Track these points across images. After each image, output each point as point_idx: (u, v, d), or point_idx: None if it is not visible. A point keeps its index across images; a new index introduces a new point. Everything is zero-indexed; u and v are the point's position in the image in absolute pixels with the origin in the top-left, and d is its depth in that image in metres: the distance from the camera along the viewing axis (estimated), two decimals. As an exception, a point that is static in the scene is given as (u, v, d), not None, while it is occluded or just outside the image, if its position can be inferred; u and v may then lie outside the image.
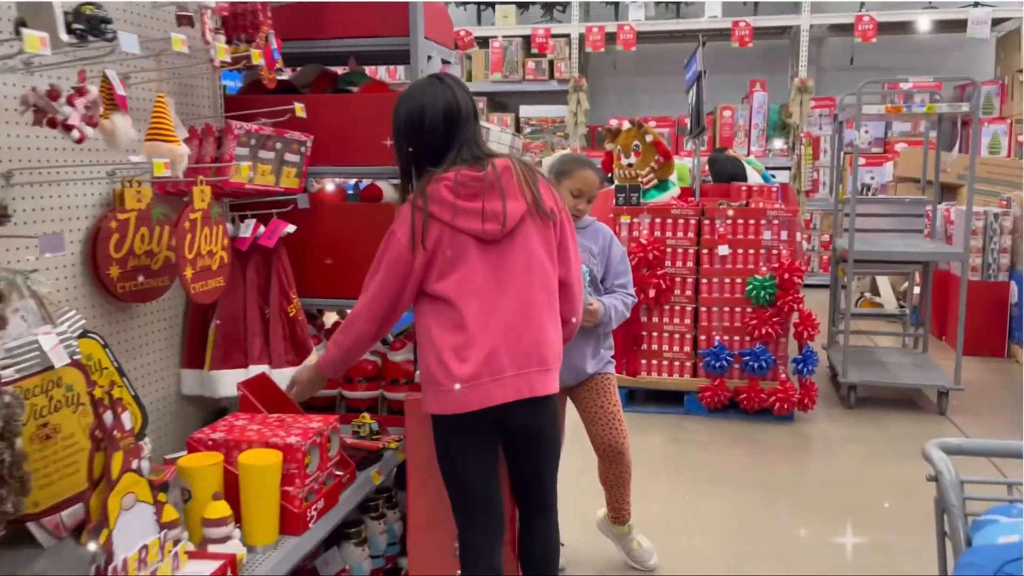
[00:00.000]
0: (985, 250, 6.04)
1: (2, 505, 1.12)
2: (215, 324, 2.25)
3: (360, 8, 2.42)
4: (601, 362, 2.79)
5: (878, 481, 3.82)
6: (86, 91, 1.59)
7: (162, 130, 1.72)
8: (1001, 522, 1.41)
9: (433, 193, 1.91)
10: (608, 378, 2.79)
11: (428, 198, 1.91)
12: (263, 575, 1.61)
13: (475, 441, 1.99)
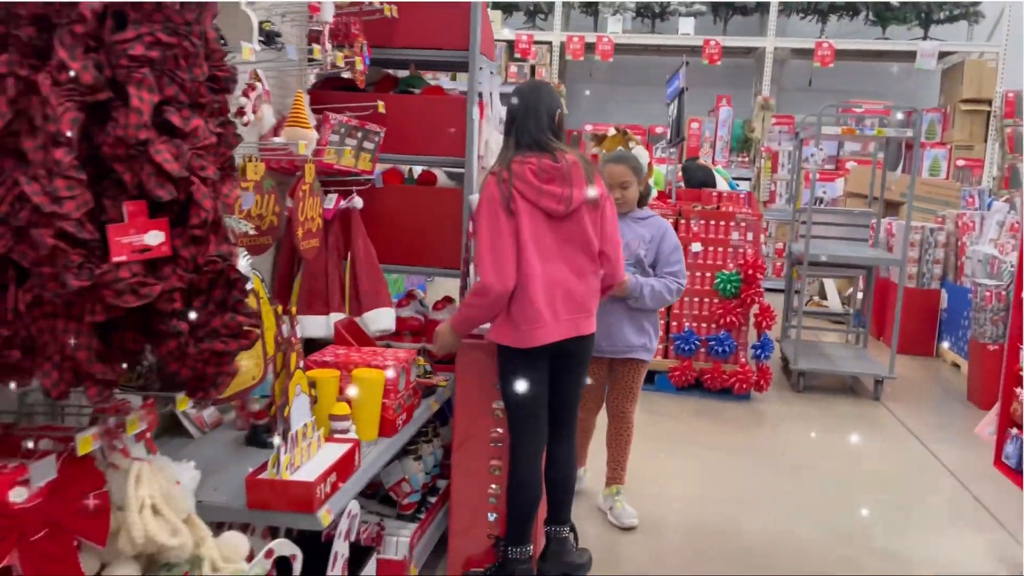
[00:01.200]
0: (921, 260, 6.78)
1: (226, 368, 1.52)
2: (299, 278, 2.74)
3: (425, 24, 2.93)
4: (640, 349, 3.27)
5: (819, 448, 4.46)
6: (255, 87, 2.08)
7: (300, 118, 2.22)
8: None
9: (519, 172, 2.44)
10: (642, 364, 3.33)
11: (514, 175, 2.44)
12: (371, 460, 2.12)
13: (535, 367, 2.55)
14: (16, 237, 1.26)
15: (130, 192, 1.30)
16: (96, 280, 1.26)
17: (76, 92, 1.24)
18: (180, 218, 1.36)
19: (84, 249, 1.26)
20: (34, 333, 1.30)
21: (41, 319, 1.30)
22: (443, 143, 2.93)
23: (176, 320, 1.36)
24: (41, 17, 1.25)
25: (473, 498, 2.80)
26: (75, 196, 1.24)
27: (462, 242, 2.93)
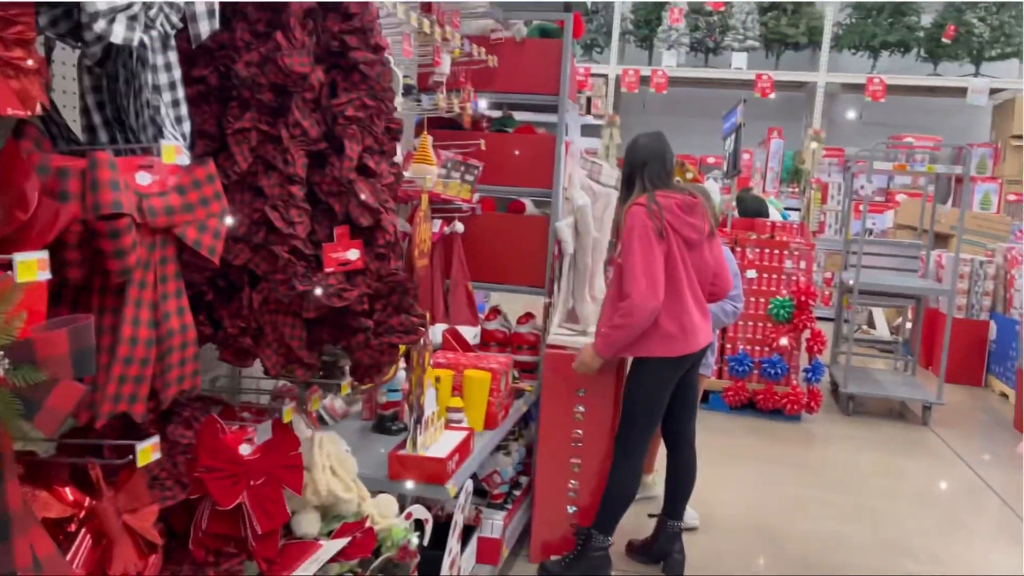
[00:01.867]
0: (970, 292, 6.97)
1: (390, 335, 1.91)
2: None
3: (521, 72, 3.32)
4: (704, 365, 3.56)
5: (866, 466, 4.71)
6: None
7: (426, 156, 2.62)
8: None
9: (666, 206, 2.84)
10: (703, 378, 3.64)
11: (662, 207, 2.83)
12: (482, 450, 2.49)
13: (672, 376, 2.96)
14: (252, 252, 1.66)
15: (339, 219, 1.70)
16: (313, 285, 1.65)
17: (305, 143, 1.65)
18: (368, 240, 1.76)
19: (305, 262, 1.65)
20: (261, 325, 1.69)
21: (266, 315, 1.69)
22: (533, 176, 3.32)
23: (364, 318, 1.75)
24: (278, 85, 1.66)
25: (555, 492, 3.14)
26: (303, 221, 1.64)
27: (547, 263, 3.30)
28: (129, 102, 1.39)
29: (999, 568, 3.47)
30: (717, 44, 10.53)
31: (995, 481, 4.50)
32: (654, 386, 2.94)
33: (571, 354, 3.11)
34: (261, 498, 1.67)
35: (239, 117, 1.65)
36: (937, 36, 9.96)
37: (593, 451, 3.13)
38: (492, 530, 2.84)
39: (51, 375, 1.13)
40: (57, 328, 1.14)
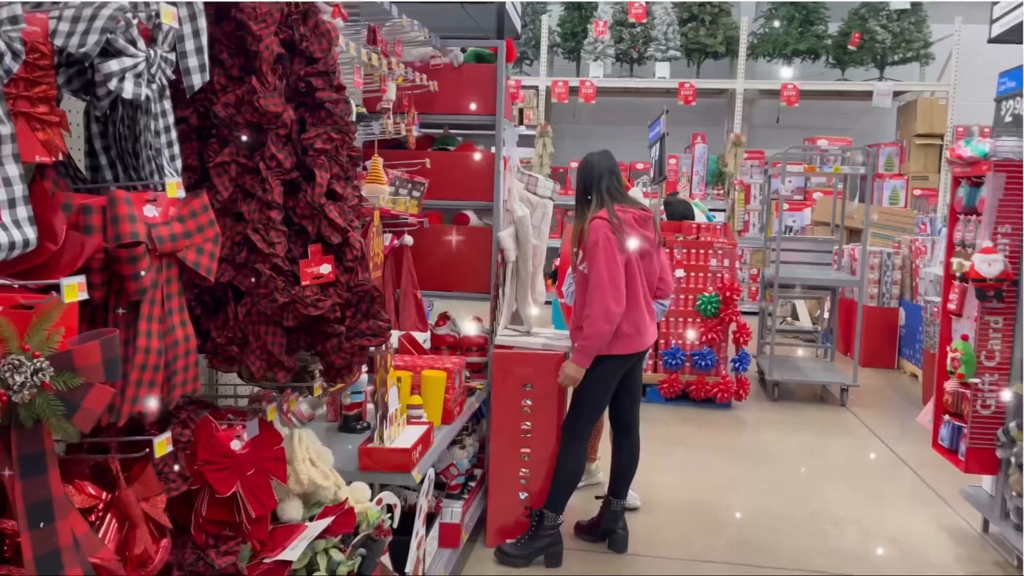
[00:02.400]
0: (880, 282, 7.51)
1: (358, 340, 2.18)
2: (362, 302, 3.36)
3: (460, 95, 3.59)
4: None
5: (791, 446, 5.11)
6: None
7: (378, 176, 2.86)
8: None
9: (625, 219, 3.15)
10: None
11: (621, 221, 3.13)
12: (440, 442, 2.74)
13: (619, 371, 3.28)
14: (236, 270, 1.88)
15: (311, 238, 1.93)
16: (291, 296, 1.88)
17: (280, 173, 1.88)
18: (338, 255, 1.99)
19: (284, 278, 1.88)
20: (246, 335, 1.92)
21: (250, 325, 1.92)
22: (475, 190, 3.58)
23: (337, 324, 1.98)
24: (253, 123, 1.88)
25: (507, 480, 3.41)
26: (281, 242, 1.87)
27: (491, 270, 3.57)
28: (132, 144, 1.61)
29: (912, 528, 3.87)
30: (641, 55, 10.99)
31: (905, 453, 4.95)
32: (604, 379, 3.24)
33: (519, 353, 3.39)
34: (252, 487, 1.89)
35: (219, 152, 1.87)
36: (843, 43, 10.62)
37: (541, 440, 3.40)
38: (452, 516, 3.08)
39: (87, 380, 1.35)
40: (90, 340, 1.36)
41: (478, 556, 3.38)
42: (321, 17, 2.02)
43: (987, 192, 3.37)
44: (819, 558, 3.52)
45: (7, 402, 1.26)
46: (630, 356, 3.27)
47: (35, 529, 1.36)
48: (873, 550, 3.63)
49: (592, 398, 3.29)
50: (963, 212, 3.66)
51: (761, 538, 3.70)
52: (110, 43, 1.43)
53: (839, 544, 3.67)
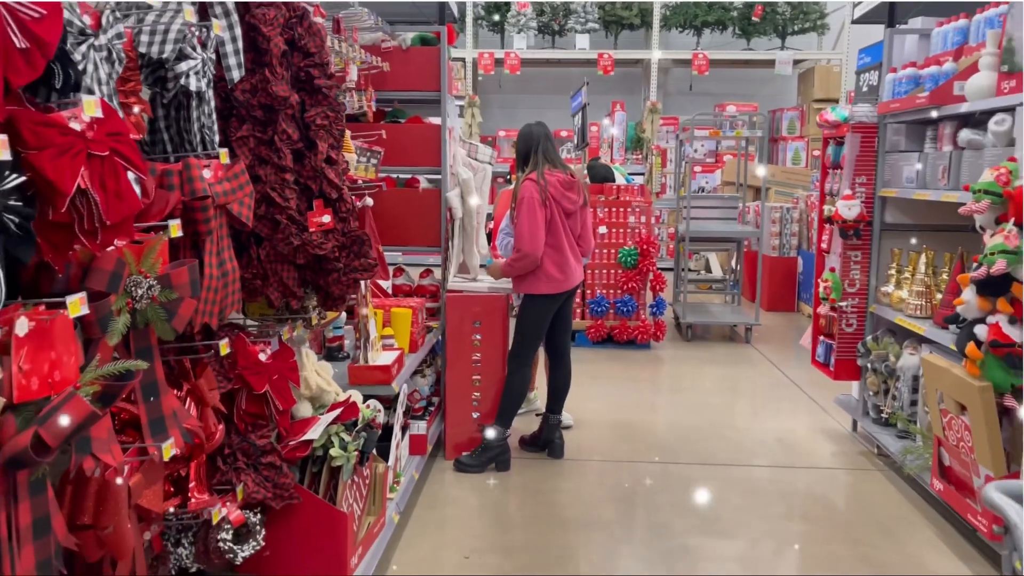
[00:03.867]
0: (781, 234, 8.37)
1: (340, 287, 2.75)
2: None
3: (408, 73, 4.11)
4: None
5: (702, 376, 5.88)
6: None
7: (347, 146, 3.39)
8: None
9: (550, 181, 3.75)
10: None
11: (547, 182, 3.72)
12: (410, 365, 3.33)
13: (552, 307, 3.89)
14: (257, 221, 2.42)
15: (315, 194, 2.48)
16: (303, 240, 2.43)
17: (289, 143, 2.41)
18: (335, 208, 2.55)
19: (296, 226, 2.43)
20: (266, 272, 2.46)
21: (269, 263, 2.46)
22: (425, 157, 4.13)
23: (335, 262, 2.54)
24: (266, 105, 2.41)
25: (462, 403, 4.03)
26: (293, 198, 2.41)
27: (441, 227, 4.14)
28: (187, 124, 2.12)
29: (795, 431, 4.65)
30: (562, 27, 11.56)
31: (796, 376, 5.78)
32: (541, 313, 3.88)
33: (468, 295, 3.99)
34: (278, 387, 2.45)
35: (239, 128, 2.40)
36: (748, 15, 11.42)
37: (490, 368, 4.02)
38: (419, 429, 3.68)
39: (180, 295, 1.89)
40: (180, 267, 1.90)
41: (440, 467, 4.00)
42: (313, 19, 2.55)
43: (847, 150, 4.11)
44: (722, 454, 4.27)
45: (132, 308, 1.80)
46: (560, 295, 3.91)
47: (147, 402, 1.91)
48: (764, 448, 4.40)
49: (532, 330, 3.93)
50: (831, 167, 4.41)
51: (675, 443, 4.43)
52: (180, 49, 1.95)
53: (738, 444, 4.43)
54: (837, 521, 3.51)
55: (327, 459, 2.53)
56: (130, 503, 1.77)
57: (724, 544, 3.29)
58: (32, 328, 1.44)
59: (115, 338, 1.73)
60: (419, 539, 3.25)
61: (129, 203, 1.60)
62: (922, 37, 3.96)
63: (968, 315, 2.83)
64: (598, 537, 3.31)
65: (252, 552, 2.27)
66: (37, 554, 1.52)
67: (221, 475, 2.26)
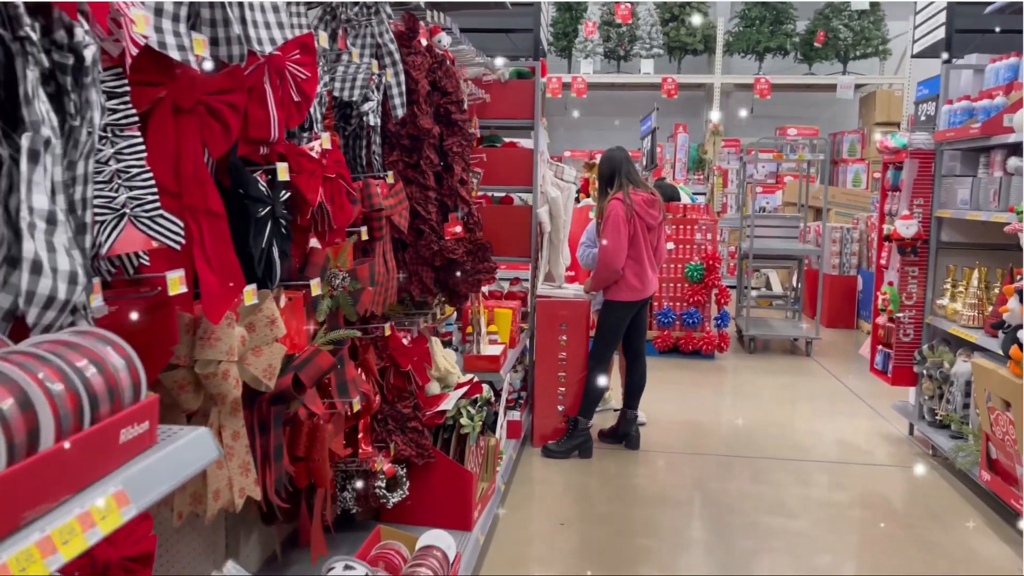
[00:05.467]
0: (841, 254, 8.67)
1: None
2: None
3: (506, 103, 4.64)
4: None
5: (763, 384, 6.25)
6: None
7: (460, 168, 3.92)
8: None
9: (634, 199, 4.23)
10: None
11: (632, 201, 4.21)
12: (510, 358, 3.82)
13: (630, 312, 4.36)
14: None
15: (450, 209, 3.00)
16: (440, 247, 2.95)
17: (432, 167, 2.94)
18: (465, 221, 3.06)
19: (435, 235, 2.95)
20: (411, 271, 2.98)
21: (412, 265, 2.98)
22: (518, 177, 4.65)
23: (463, 265, 3.05)
24: (413, 136, 2.94)
25: (548, 396, 4.50)
26: (435, 211, 2.93)
27: (532, 240, 4.64)
28: (362, 151, 2.66)
29: (854, 433, 5.00)
30: (627, 52, 12.06)
31: (854, 386, 6.11)
32: (619, 318, 4.35)
33: (556, 300, 4.48)
34: (418, 367, 2.96)
35: (390, 154, 2.94)
36: (810, 41, 11.76)
37: (573, 366, 4.49)
38: (514, 417, 4.17)
39: (362, 286, 2.41)
40: (362, 264, 2.43)
41: (529, 453, 4.47)
42: (450, 65, 3.09)
43: (905, 174, 4.49)
44: (783, 451, 4.65)
45: (332, 294, 2.33)
46: (637, 302, 4.36)
47: (335, 369, 2.43)
48: (824, 447, 4.76)
49: (610, 333, 4.39)
50: (891, 189, 4.79)
51: (738, 441, 4.83)
52: (364, 93, 2.50)
53: (798, 443, 4.81)
54: (892, 509, 3.88)
55: (455, 428, 3.03)
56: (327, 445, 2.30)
57: (789, 522, 3.68)
58: (287, 303, 1.97)
59: (323, 315, 2.26)
60: (519, 508, 3.73)
61: (346, 213, 2.13)
62: (976, 72, 4.33)
63: (1012, 321, 3.21)
64: (675, 513, 3.75)
65: (399, 499, 2.77)
66: (276, 472, 2.05)
67: (376, 436, 2.78)
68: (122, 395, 0.84)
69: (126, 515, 0.77)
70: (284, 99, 1.81)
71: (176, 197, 1.45)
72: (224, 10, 1.55)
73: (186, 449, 0.92)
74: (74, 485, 0.74)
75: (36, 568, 0.64)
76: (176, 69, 1.46)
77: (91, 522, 0.72)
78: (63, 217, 1.01)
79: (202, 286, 1.51)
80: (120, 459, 0.82)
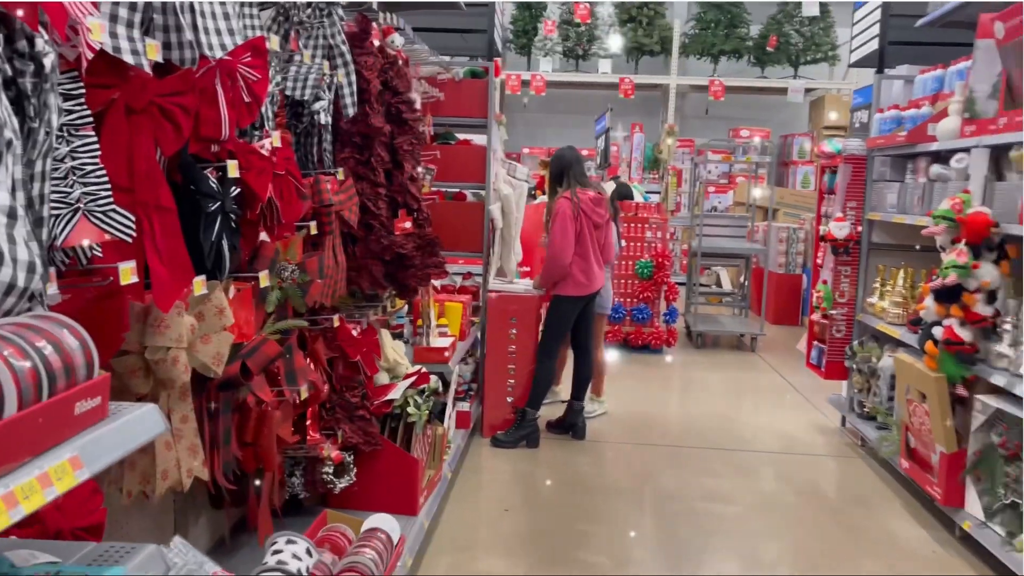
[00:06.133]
0: (787, 253, 8.95)
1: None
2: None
3: (460, 101, 4.74)
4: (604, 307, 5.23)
5: (710, 378, 6.46)
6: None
7: (412, 165, 4.02)
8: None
9: (582, 198, 4.35)
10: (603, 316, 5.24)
11: (579, 199, 4.33)
12: (460, 350, 3.94)
13: (577, 307, 4.49)
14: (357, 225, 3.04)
15: (400, 205, 3.11)
16: (390, 241, 3.05)
17: (383, 164, 3.04)
18: (415, 216, 3.17)
19: (385, 230, 3.05)
20: (361, 265, 3.08)
21: (363, 259, 3.08)
22: (471, 174, 4.76)
23: (414, 259, 3.16)
24: (364, 134, 3.03)
25: (498, 387, 4.63)
26: (384, 207, 3.03)
27: (484, 235, 4.76)
28: (313, 148, 2.75)
29: (791, 425, 5.22)
30: (586, 52, 12.23)
31: (795, 381, 6.35)
32: (566, 312, 4.49)
33: (506, 295, 4.61)
34: (366, 357, 3.07)
35: (341, 151, 3.03)
36: (763, 45, 12.05)
37: (522, 359, 4.63)
38: (463, 407, 4.29)
39: (311, 279, 2.51)
40: (311, 257, 2.53)
41: (478, 443, 4.60)
42: (402, 65, 3.19)
43: (840, 178, 4.71)
44: (725, 442, 4.84)
45: (281, 286, 2.42)
46: (583, 297, 4.51)
47: (284, 358, 2.52)
48: (763, 438, 4.97)
49: (558, 326, 4.54)
50: (827, 192, 5.01)
51: (683, 432, 5.01)
52: (315, 92, 2.59)
53: (739, 435, 5.01)
54: (821, 496, 4.09)
55: (402, 417, 3.14)
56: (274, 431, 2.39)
57: (725, 508, 3.87)
58: (236, 294, 2.06)
59: (272, 306, 2.36)
60: (466, 495, 3.86)
61: (295, 208, 2.23)
62: (907, 82, 4.56)
63: (928, 318, 3.42)
64: (617, 501, 3.90)
65: (346, 485, 2.88)
66: (224, 456, 2.14)
67: (324, 423, 2.88)
68: (77, 372, 0.94)
69: (80, 477, 0.87)
70: (235, 100, 1.90)
71: (129, 193, 1.54)
72: (176, 16, 1.64)
73: (135, 422, 1.03)
74: (34, 449, 0.84)
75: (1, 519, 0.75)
76: (129, 71, 1.55)
77: (49, 481, 0.82)
78: (22, 212, 1.10)
79: (152, 277, 1.60)
80: (75, 429, 0.92)
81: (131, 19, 1.52)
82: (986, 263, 3.17)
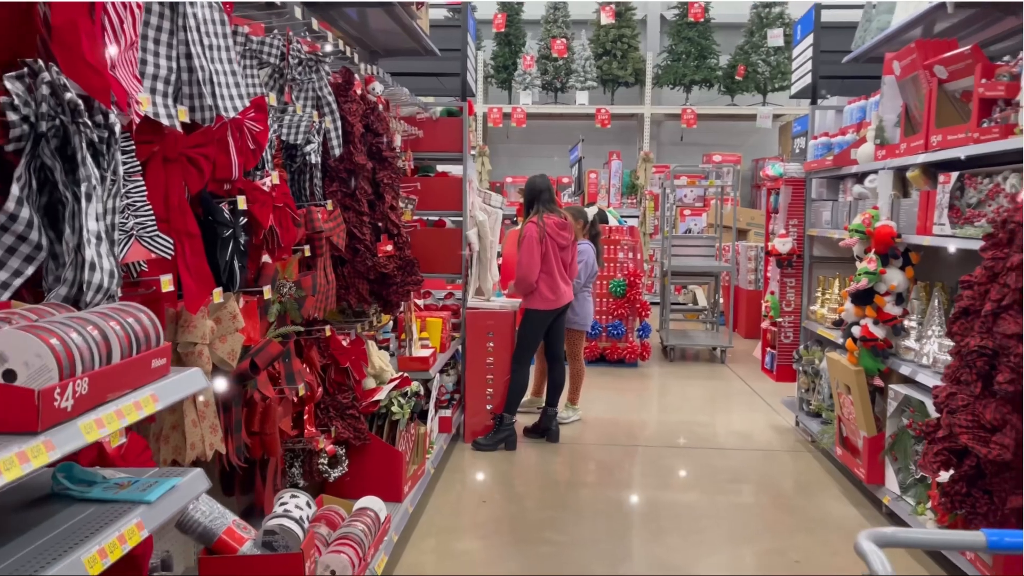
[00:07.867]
0: (756, 270, 9.45)
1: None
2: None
3: (437, 137, 5.24)
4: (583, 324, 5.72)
5: (681, 387, 6.92)
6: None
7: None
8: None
9: (548, 222, 4.83)
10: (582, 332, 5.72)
11: (545, 223, 4.81)
12: (440, 361, 4.40)
13: (546, 320, 4.95)
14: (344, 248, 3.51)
15: (382, 231, 3.58)
16: (374, 263, 3.52)
17: (367, 196, 3.52)
18: (396, 241, 3.64)
19: (369, 253, 3.52)
20: (349, 283, 3.54)
21: (350, 279, 3.54)
22: (449, 203, 5.24)
23: (395, 278, 3.63)
24: (349, 170, 3.51)
25: (478, 396, 5.08)
26: (368, 233, 3.51)
27: (462, 257, 5.22)
28: (306, 183, 3.23)
29: (751, 426, 5.67)
30: (563, 84, 12.82)
31: (758, 388, 6.80)
32: (536, 325, 4.96)
33: (484, 312, 5.07)
34: (355, 364, 3.52)
35: (330, 185, 3.51)
36: (732, 74, 12.67)
37: (500, 369, 5.08)
38: (446, 413, 4.74)
39: (306, 294, 2.98)
40: (305, 276, 2.99)
41: (460, 448, 5.04)
42: (381, 110, 3.68)
43: (782, 198, 5.21)
44: (688, 441, 5.29)
45: (281, 300, 2.89)
46: (551, 311, 4.98)
47: (284, 362, 2.98)
48: (723, 438, 5.42)
49: (530, 337, 5.00)
50: (774, 211, 5.51)
51: (651, 434, 5.45)
52: (306, 137, 3.07)
53: (702, 435, 5.46)
54: (767, 484, 4.53)
55: (388, 416, 3.59)
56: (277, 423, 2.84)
57: (681, 495, 4.31)
58: (244, 305, 2.53)
59: (273, 316, 2.82)
60: (447, 489, 4.29)
61: (292, 234, 2.70)
62: (837, 112, 5.09)
63: (848, 319, 3.90)
64: (585, 492, 4.34)
65: (339, 475, 3.31)
66: (236, 442, 2.59)
67: (319, 421, 3.32)
68: (151, 340, 1.40)
69: (158, 406, 1.32)
70: (243, 147, 2.38)
71: (166, 222, 2.01)
72: (199, 87, 2.12)
73: (188, 378, 1.48)
74: (132, 384, 1.29)
75: (113, 424, 1.19)
76: (165, 130, 2.03)
77: (140, 407, 1.26)
78: (104, 236, 1.56)
79: (184, 287, 2.07)
80: (151, 377, 1.37)
81: (166, 91, 2.00)
82: (892, 269, 3.65)
